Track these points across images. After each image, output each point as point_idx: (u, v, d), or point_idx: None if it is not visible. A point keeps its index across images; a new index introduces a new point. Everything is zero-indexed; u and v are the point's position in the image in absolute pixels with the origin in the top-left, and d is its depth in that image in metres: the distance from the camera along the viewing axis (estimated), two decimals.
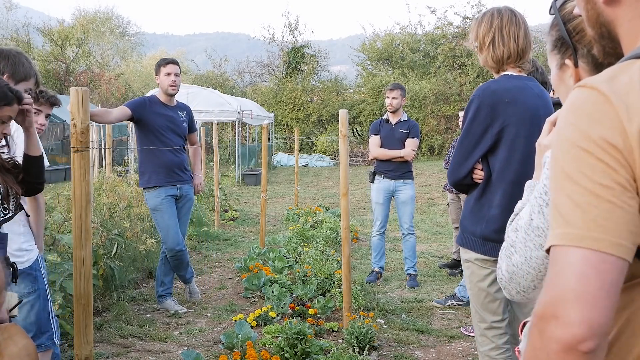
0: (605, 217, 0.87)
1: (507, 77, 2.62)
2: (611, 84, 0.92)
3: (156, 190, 4.92)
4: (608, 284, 0.85)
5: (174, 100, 5.09)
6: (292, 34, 31.14)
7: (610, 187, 0.87)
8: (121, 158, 17.62)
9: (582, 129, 0.90)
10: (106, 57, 36.76)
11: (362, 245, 8.16)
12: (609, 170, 0.88)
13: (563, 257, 0.89)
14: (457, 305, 5.31)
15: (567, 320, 0.84)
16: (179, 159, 4.99)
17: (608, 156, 0.88)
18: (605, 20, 1.04)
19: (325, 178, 18.89)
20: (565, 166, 0.91)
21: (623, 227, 0.87)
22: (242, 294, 5.56)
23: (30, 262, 2.76)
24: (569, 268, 0.87)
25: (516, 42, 2.57)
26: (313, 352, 3.85)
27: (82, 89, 2.37)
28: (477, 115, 2.58)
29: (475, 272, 2.65)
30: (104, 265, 4.96)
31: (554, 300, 0.86)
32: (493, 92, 2.58)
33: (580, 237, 0.87)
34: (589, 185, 0.88)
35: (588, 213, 0.87)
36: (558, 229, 0.90)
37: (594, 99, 0.91)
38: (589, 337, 0.83)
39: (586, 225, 0.87)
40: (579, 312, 0.84)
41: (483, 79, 23.57)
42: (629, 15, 1.00)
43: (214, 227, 8.96)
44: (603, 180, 0.88)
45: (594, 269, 0.85)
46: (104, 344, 4.29)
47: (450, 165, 2.73)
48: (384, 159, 6.10)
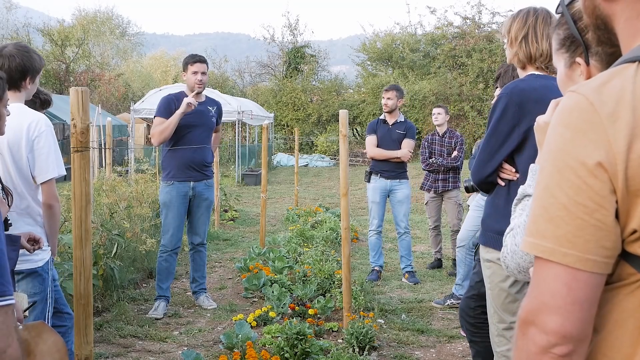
0: (575, 234, 0.91)
1: (535, 77, 2.60)
2: (601, 90, 0.92)
3: (170, 186, 5.00)
4: (581, 299, 0.92)
5: (203, 95, 5.15)
6: (292, 34, 31.16)
7: (584, 205, 0.91)
8: (121, 158, 17.62)
9: (566, 141, 0.93)
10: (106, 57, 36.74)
11: (362, 245, 8.16)
12: (585, 187, 0.90)
13: (539, 269, 0.96)
14: (456, 304, 5.31)
15: (543, 328, 0.93)
16: (200, 156, 5.04)
17: (587, 173, 0.90)
18: (602, 13, 1.04)
19: (325, 178, 18.89)
20: (547, 177, 0.95)
21: (593, 244, 0.91)
22: (242, 294, 5.56)
23: (43, 262, 2.76)
24: (544, 283, 0.94)
25: (548, 43, 2.58)
26: (313, 352, 3.85)
27: (82, 89, 2.37)
28: (504, 114, 2.55)
29: (496, 272, 2.62)
30: (104, 265, 4.96)
31: (532, 309, 0.95)
32: (521, 91, 2.55)
33: (550, 250, 0.93)
34: (564, 201, 0.92)
35: (560, 228, 0.92)
36: (531, 237, 0.96)
37: (582, 108, 0.92)
38: (562, 343, 0.92)
39: (557, 240, 0.92)
40: (553, 323, 0.92)
41: (483, 79, 23.60)
42: (626, 14, 0.99)
43: (214, 227, 8.96)
44: (578, 197, 0.91)
45: (565, 286, 0.92)
46: (104, 344, 4.29)
47: (475, 164, 2.70)
48: (380, 158, 6.13)
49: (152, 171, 8.46)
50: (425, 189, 6.76)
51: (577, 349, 0.93)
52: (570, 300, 0.92)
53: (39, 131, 2.75)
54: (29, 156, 2.74)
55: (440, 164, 6.54)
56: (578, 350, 0.93)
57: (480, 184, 2.71)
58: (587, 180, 0.90)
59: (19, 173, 2.73)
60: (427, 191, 6.76)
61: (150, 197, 7.14)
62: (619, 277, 0.96)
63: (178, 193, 4.99)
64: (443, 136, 6.71)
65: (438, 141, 6.71)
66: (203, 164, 5.08)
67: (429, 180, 6.72)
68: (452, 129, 6.85)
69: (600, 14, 1.04)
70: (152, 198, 7.12)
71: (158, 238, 5.94)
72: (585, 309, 0.93)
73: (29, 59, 2.78)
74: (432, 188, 6.66)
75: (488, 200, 2.75)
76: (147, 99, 16.62)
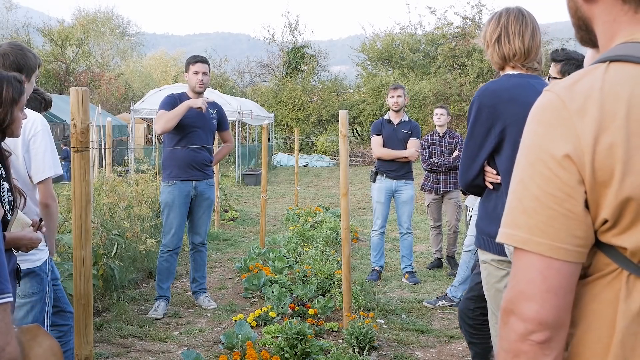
0: (547, 223, 0.96)
1: (508, 76, 2.62)
2: (572, 88, 0.97)
3: (171, 185, 5.00)
4: (555, 287, 0.96)
5: (204, 97, 5.15)
6: (292, 34, 31.18)
7: (554, 195, 0.95)
8: (121, 158, 17.62)
9: (538, 136, 0.98)
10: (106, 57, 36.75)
11: (362, 245, 8.16)
12: (554, 178, 0.95)
13: (517, 260, 1.00)
14: (447, 305, 5.31)
15: (521, 316, 0.97)
16: (201, 156, 5.05)
17: (556, 165, 0.95)
18: (583, 15, 1.08)
19: (325, 178, 18.89)
20: (521, 170, 1.00)
21: (564, 233, 0.95)
22: (242, 294, 5.56)
23: (41, 262, 2.75)
24: (520, 272, 0.99)
25: (521, 41, 2.57)
26: (313, 352, 3.85)
27: (82, 89, 2.37)
28: (478, 117, 2.58)
29: (492, 273, 2.63)
30: (104, 265, 4.96)
31: (512, 298, 0.99)
32: (492, 92, 2.58)
33: (524, 240, 0.98)
34: (536, 192, 0.97)
35: (532, 218, 0.97)
36: (507, 228, 1.01)
37: (553, 105, 0.98)
38: (539, 330, 0.96)
39: (530, 230, 0.97)
40: (530, 311, 0.97)
41: (483, 79, 23.56)
42: (604, 18, 1.04)
43: (214, 227, 8.96)
44: (548, 188, 0.96)
45: (539, 274, 0.97)
46: (104, 344, 4.29)
47: (459, 169, 2.73)
48: (387, 158, 6.12)
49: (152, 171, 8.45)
50: (427, 190, 6.75)
51: (555, 336, 0.97)
52: (545, 288, 0.96)
53: (34, 131, 2.75)
54: (25, 156, 2.74)
55: (442, 163, 6.53)
56: (555, 337, 0.97)
57: (467, 188, 2.74)
58: (556, 172, 0.95)
59: (16, 173, 2.73)
60: (428, 192, 6.75)
61: (150, 197, 7.14)
62: (596, 268, 0.99)
63: (180, 193, 4.99)
64: (443, 136, 6.71)
65: (438, 141, 6.71)
66: (204, 164, 5.09)
67: (429, 181, 6.70)
68: (451, 130, 6.86)
69: (581, 15, 1.09)
70: (152, 198, 7.12)
71: (158, 238, 5.94)
72: (560, 297, 0.96)
73: (24, 57, 2.77)
74: (434, 189, 6.65)
75: (479, 203, 2.80)
76: (147, 99, 16.62)
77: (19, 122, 2.29)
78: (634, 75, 0.95)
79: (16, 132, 2.31)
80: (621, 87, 0.94)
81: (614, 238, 0.96)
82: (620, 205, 0.93)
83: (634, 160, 0.91)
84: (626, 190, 0.92)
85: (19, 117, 2.28)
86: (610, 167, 0.92)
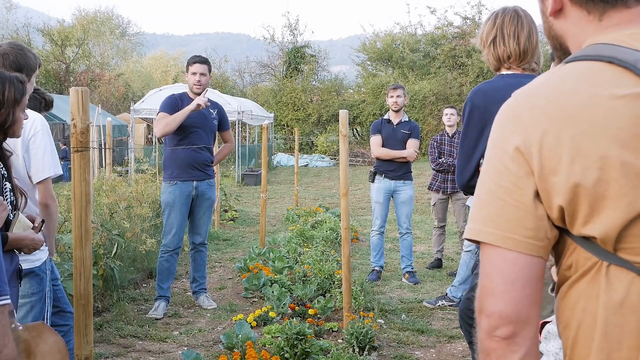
0: (497, 214, 0.98)
1: (501, 77, 2.62)
2: (528, 88, 1.02)
3: (172, 185, 5.00)
4: (511, 279, 0.97)
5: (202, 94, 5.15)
6: (292, 34, 31.17)
7: (504, 187, 0.98)
8: (121, 158, 17.62)
9: (496, 136, 1.02)
10: (106, 57, 36.75)
11: (362, 245, 8.16)
12: (505, 171, 0.98)
13: (480, 256, 1.02)
14: (447, 305, 5.31)
15: (485, 312, 0.99)
16: (201, 156, 5.05)
17: (507, 158, 0.98)
18: (556, 33, 1.12)
19: (325, 178, 18.89)
20: (483, 171, 1.04)
21: (514, 223, 0.97)
22: (242, 294, 5.56)
23: (40, 262, 2.75)
24: (482, 268, 1.01)
25: (517, 42, 2.56)
26: (313, 352, 3.85)
27: (82, 89, 2.37)
28: (471, 118, 2.61)
29: None
30: (104, 265, 4.96)
31: (479, 295, 1.01)
32: (484, 93, 2.59)
33: (478, 232, 1.00)
34: (490, 186, 1.00)
35: (486, 210, 1.00)
36: (469, 223, 1.04)
37: (510, 106, 1.02)
38: (502, 325, 0.97)
39: (484, 222, 1.00)
40: (491, 305, 0.98)
41: (483, 79, 23.55)
42: (573, 31, 1.08)
43: (214, 227, 8.96)
44: (500, 180, 0.99)
45: (495, 267, 0.98)
46: (104, 344, 4.29)
47: (456, 170, 2.75)
48: (386, 158, 6.11)
49: (152, 171, 8.45)
50: (434, 190, 6.74)
51: (519, 331, 0.97)
52: (501, 280, 0.97)
53: (34, 130, 2.75)
54: (24, 156, 2.74)
55: (450, 164, 6.52)
56: (520, 332, 0.97)
57: (464, 189, 2.74)
58: (507, 165, 0.98)
59: (16, 173, 2.73)
60: (435, 192, 6.74)
61: (150, 197, 7.14)
62: (579, 265, 0.99)
63: (181, 193, 4.99)
64: (452, 137, 6.66)
65: (447, 141, 6.68)
66: (205, 164, 5.09)
67: (437, 181, 6.69)
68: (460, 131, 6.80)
69: (554, 34, 1.12)
70: (152, 198, 7.12)
71: (158, 238, 5.94)
72: (517, 289, 0.97)
73: (24, 57, 2.77)
74: (441, 189, 6.63)
75: None
76: (147, 99, 16.62)
77: (20, 123, 2.29)
78: (585, 68, 0.98)
79: (17, 132, 2.31)
80: (569, 79, 0.98)
81: (582, 228, 0.96)
82: (572, 191, 0.94)
83: (581, 145, 0.93)
84: (576, 175, 0.93)
85: (21, 117, 2.28)
86: (557, 155, 0.95)
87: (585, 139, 0.93)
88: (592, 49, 1.01)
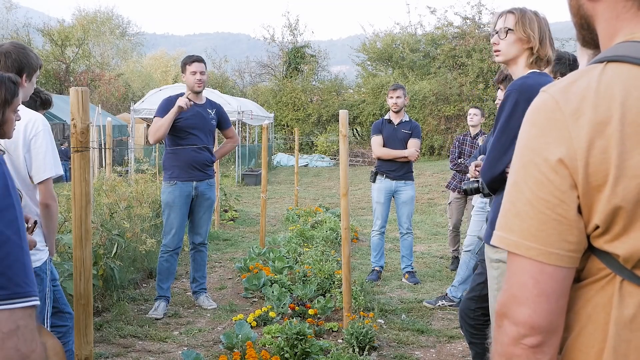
0: (538, 228, 0.95)
1: (538, 74, 2.60)
2: (568, 89, 0.95)
3: (172, 186, 5.00)
4: (547, 292, 0.95)
5: (203, 97, 5.16)
6: (292, 34, 31.15)
7: (546, 200, 0.94)
8: (121, 158, 17.62)
9: (532, 138, 0.97)
10: (106, 57, 36.73)
11: (362, 245, 8.16)
12: (547, 182, 0.94)
13: (510, 263, 1.00)
14: (447, 305, 5.31)
15: (514, 320, 0.97)
16: (201, 156, 5.05)
17: (549, 169, 0.94)
18: (585, 13, 1.06)
19: (325, 178, 18.88)
20: (515, 173, 0.98)
21: (556, 238, 0.94)
22: (242, 294, 5.56)
23: (40, 262, 2.75)
24: (513, 276, 0.99)
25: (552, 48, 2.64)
26: (313, 352, 3.85)
27: (82, 89, 2.37)
28: (515, 110, 2.52)
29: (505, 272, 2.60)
30: (104, 265, 4.95)
31: (505, 302, 0.99)
32: (530, 87, 2.51)
33: (516, 244, 0.97)
34: (529, 196, 0.96)
35: (524, 222, 0.96)
36: (500, 230, 1.00)
37: (548, 107, 0.96)
38: (531, 334, 0.96)
39: (522, 234, 0.96)
40: (522, 315, 0.96)
41: (483, 79, 23.58)
42: (606, 15, 1.02)
43: (214, 227, 8.96)
44: (541, 192, 0.95)
45: (532, 279, 0.96)
46: (104, 344, 4.29)
47: (486, 162, 2.64)
48: (387, 158, 6.11)
49: (152, 171, 8.46)
50: (451, 189, 6.73)
51: (547, 340, 0.96)
52: (537, 292, 0.95)
53: (36, 131, 2.75)
54: (26, 156, 2.74)
55: (468, 164, 6.47)
56: (548, 341, 0.97)
57: (490, 183, 2.64)
58: (549, 176, 0.94)
59: (16, 173, 2.73)
60: (452, 190, 6.72)
61: (150, 197, 7.14)
62: (590, 272, 0.98)
63: (181, 193, 5.00)
64: (475, 137, 6.57)
65: (469, 142, 6.61)
66: (205, 164, 5.09)
67: (455, 180, 6.67)
68: (483, 131, 6.69)
69: (584, 13, 1.07)
70: (152, 198, 7.12)
71: (158, 238, 5.94)
72: (552, 301, 0.96)
73: (25, 56, 2.77)
74: (458, 188, 6.62)
75: (497, 200, 2.70)
76: (147, 99, 16.61)
77: (11, 124, 2.28)
78: (630, 76, 0.93)
79: (8, 133, 2.30)
80: (617, 88, 0.92)
81: (607, 244, 0.94)
82: (612, 212, 0.92)
83: (628, 164, 0.90)
84: (619, 196, 0.90)
85: (12, 118, 2.26)
86: (604, 172, 0.91)
87: (632, 159, 0.90)
88: (634, 47, 0.95)
